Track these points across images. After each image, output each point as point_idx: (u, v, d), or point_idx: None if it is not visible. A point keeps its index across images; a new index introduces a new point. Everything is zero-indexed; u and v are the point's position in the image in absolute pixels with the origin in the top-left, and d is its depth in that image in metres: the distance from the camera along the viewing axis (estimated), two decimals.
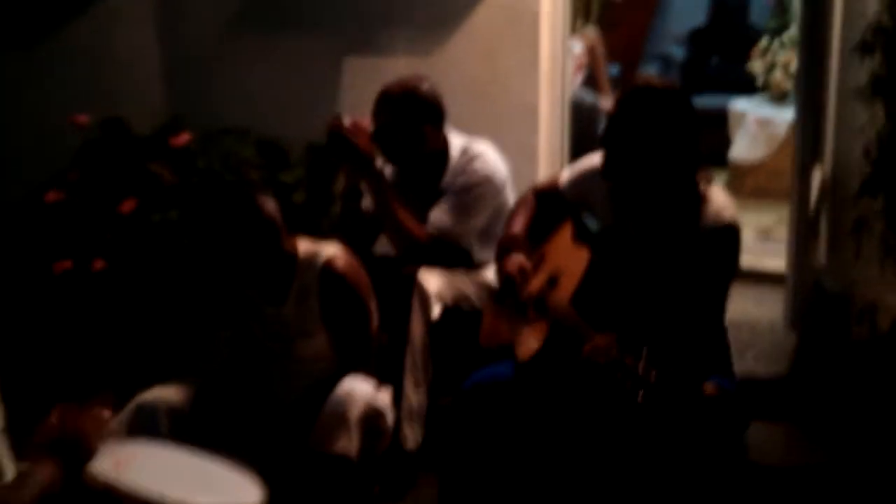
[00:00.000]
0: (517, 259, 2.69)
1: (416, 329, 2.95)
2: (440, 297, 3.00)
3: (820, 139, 3.70)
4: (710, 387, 2.19)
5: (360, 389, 2.61)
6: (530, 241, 2.77)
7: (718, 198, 2.47)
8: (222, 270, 2.72)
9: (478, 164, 3.10)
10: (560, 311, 2.48)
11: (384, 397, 2.72)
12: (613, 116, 2.48)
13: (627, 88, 2.49)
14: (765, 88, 5.78)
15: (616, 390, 2.14)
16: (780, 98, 5.63)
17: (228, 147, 3.79)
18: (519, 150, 3.85)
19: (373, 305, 2.82)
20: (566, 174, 2.81)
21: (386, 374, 2.84)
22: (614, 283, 2.51)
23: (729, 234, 2.43)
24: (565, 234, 2.75)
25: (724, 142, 6.03)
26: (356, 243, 3.08)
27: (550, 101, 4.10)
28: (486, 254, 3.18)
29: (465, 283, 3.11)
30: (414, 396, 2.95)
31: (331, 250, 2.78)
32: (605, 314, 2.41)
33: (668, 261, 2.45)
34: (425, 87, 3.12)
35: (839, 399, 3.03)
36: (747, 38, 6.38)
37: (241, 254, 2.65)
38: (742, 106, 5.89)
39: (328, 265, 2.74)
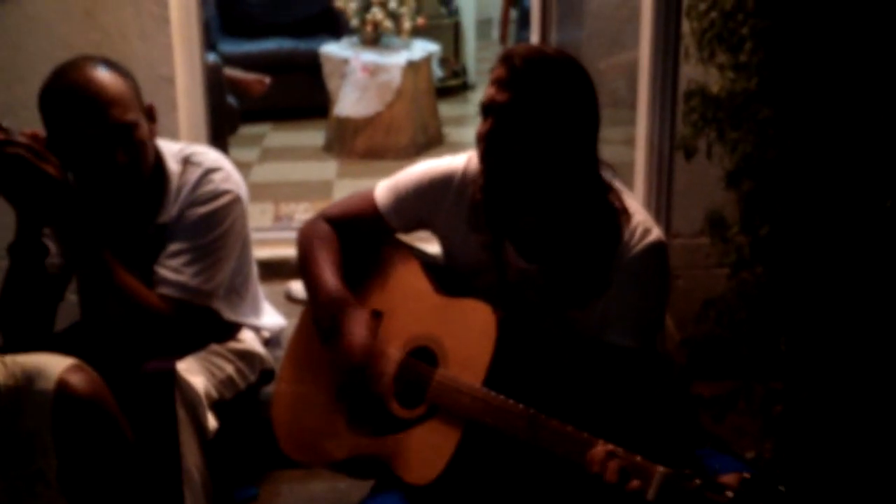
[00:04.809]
0: (358, 333, 1.80)
1: (192, 455, 1.88)
2: (209, 398, 1.96)
3: None
4: (730, 479, 1.56)
5: None
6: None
7: (636, 208, 1.83)
8: None
9: (217, 181, 2.04)
10: (476, 402, 1.66)
11: None
12: (506, 100, 1.69)
13: (513, 60, 1.71)
14: (355, 31, 5.11)
15: None
16: (374, 41, 5.01)
17: None
18: None
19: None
20: (386, 191, 1.93)
21: None
22: (532, 351, 1.76)
23: (661, 259, 1.81)
24: (415, 281, 1.89)
25: (318, 92, 5.28)
26: (35, 324, 1.92)
27: (189, 67, 3.06)
28: (236, 310, 2.18)
29: (224, 363, 2.09)
30: None
31: (56, 365, 1.63)
32: (532, 397, 1.66)
33: (593, 306, 1.76)
34: (124, 73, 1.98)
35: None
36: None
37: None
38: (338, 51, 5.12)
39: (63, 390, 1.59)
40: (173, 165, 2.05)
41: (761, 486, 1.35)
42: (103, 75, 1.91)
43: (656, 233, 1.78)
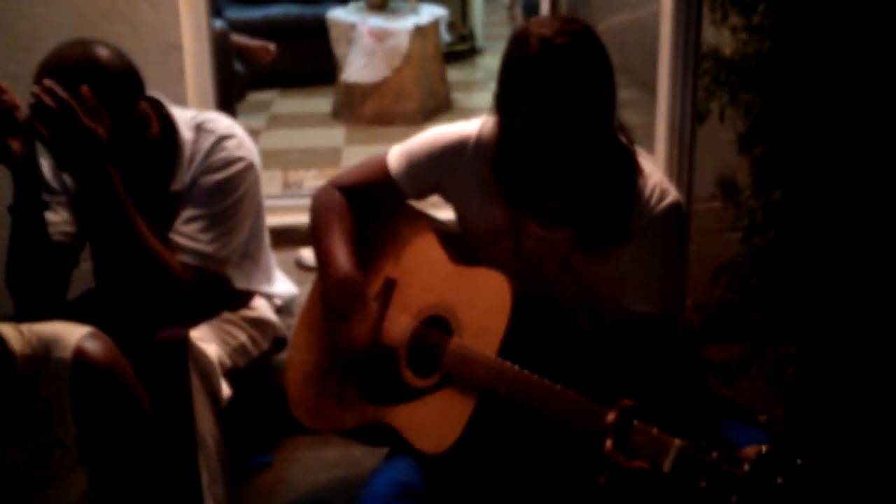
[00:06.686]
0: (361, 331, 1.81)
1: (206, 423, 1.90)
2: (223, 366, 1.97)
3: None
4: (750, 452, 1.55)
5: None
6: None
7: (652, 168, 1.81)
8: None
9: (230, 148, 2.04)
10: (490, 372, 1.66)
11: None
12: (524, 69, 1.65)
13: (528, 35, 1.67)
14: None
15: None
16: (381, 6, 4.97)
17: None
18: None
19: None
20: (399, 157, 1.91)
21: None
22: (550, 321, 1.75)
23: (679, 220, 1.79)
24: (429, 250, 1.88)
25: (325, 58, 5.24)
26: (47, 289, 1.94)
27: (196, 33, 3.04)
28: (249, 278, 2.19)
29: (237, 330, 2.10)
30: None
31: (73, 333, 1.63)
32: (549, 368, 1.66)
33: (613, 269, 1.75)
34: (103, 53, 1.95)
35: None
36: None
37: None
38: (345, 16, 5.07)
39: (81, 358, 1.60)
40: (186, 133, 2.04)
41: (779, 459, 1.35)
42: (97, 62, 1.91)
43: (673, 194, 1.76)
